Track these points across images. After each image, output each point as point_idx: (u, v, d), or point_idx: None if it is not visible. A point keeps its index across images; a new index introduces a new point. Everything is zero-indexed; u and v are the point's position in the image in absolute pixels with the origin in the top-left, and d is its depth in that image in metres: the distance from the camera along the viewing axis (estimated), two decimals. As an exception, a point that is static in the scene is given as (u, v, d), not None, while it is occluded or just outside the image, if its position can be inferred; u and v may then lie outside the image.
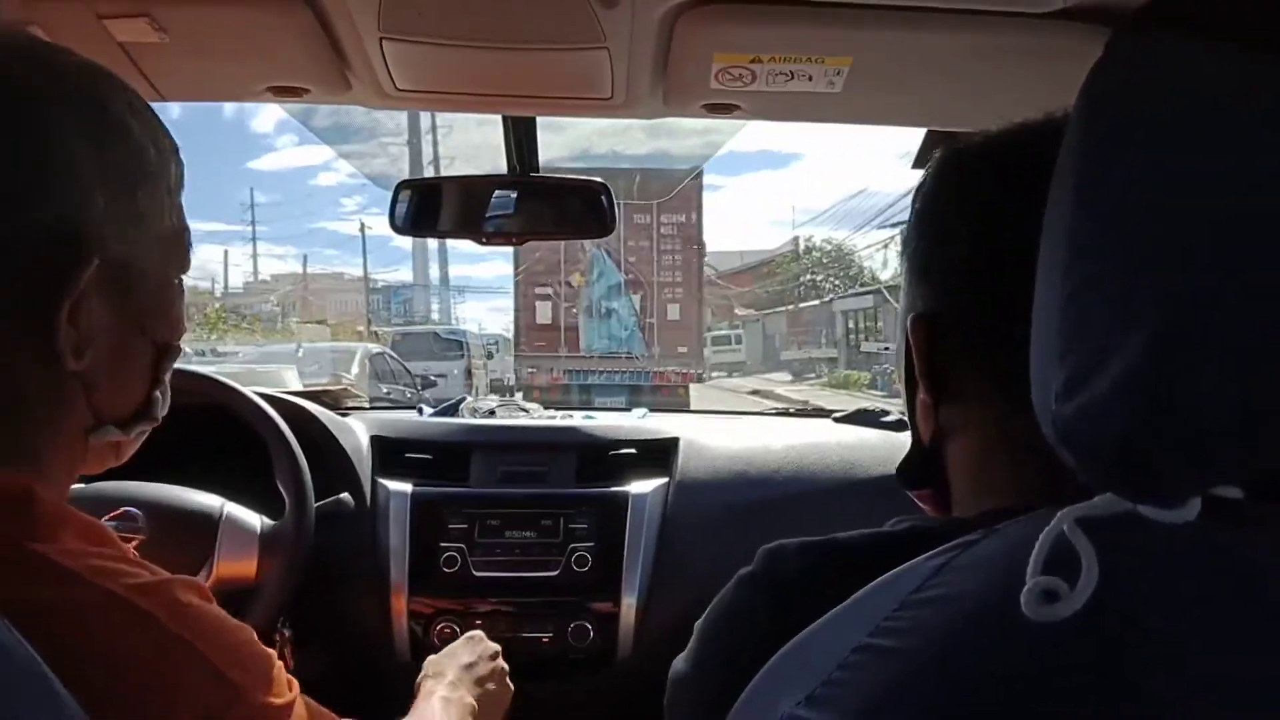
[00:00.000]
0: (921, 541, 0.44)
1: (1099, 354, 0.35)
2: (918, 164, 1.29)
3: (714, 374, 31.36)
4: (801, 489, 1.48)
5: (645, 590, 1.40)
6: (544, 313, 13.38)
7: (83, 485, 1.21)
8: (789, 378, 27.45)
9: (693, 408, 9.39)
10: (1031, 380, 0.39)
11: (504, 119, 1.21)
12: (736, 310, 36.72)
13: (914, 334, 0.56)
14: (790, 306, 33.46)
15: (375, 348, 12.76)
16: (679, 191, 13.11)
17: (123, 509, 1.20)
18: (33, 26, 0.95)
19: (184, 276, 0.64)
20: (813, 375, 26.09)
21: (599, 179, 1.27)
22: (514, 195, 1.29)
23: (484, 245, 1.32)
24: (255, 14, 0.93)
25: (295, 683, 0.61)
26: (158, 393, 0.62)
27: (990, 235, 0.51)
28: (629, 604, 1.39)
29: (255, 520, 1.27)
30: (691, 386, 13.09)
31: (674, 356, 13.32)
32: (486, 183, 1.29)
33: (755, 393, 20.72)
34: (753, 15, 0.93)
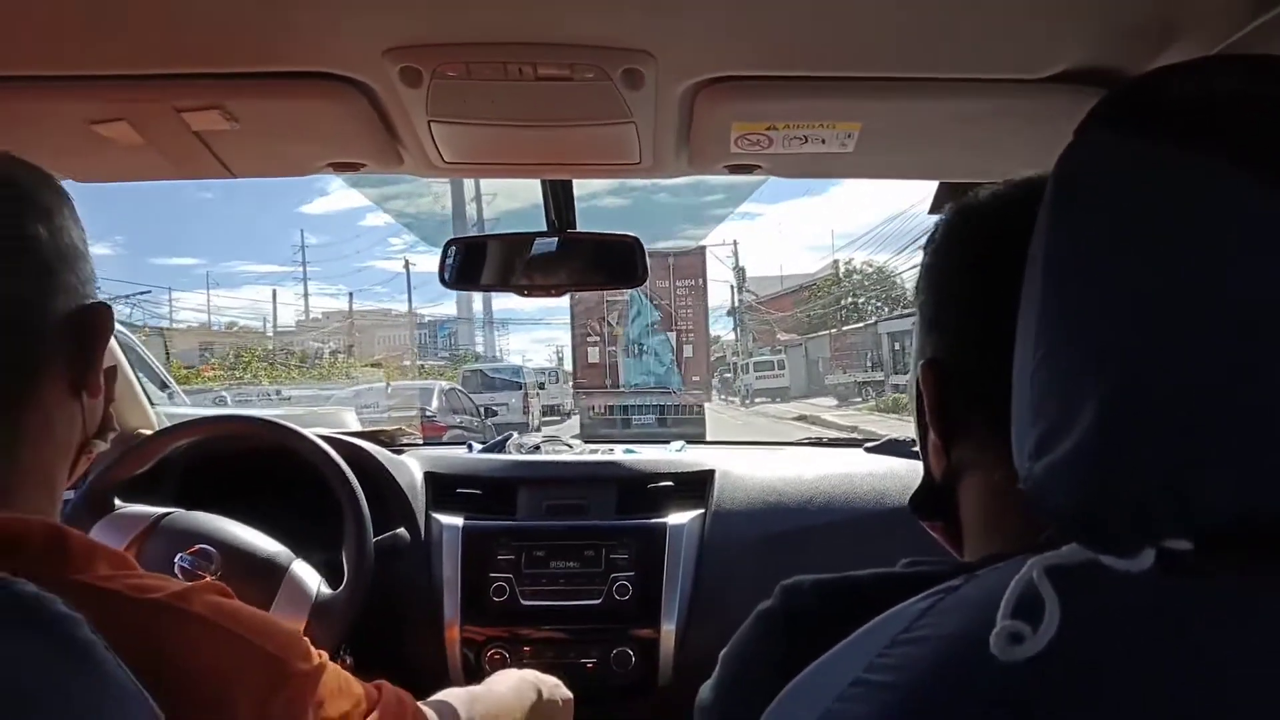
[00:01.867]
0: (925, 583, 0.48)
1: (1062, 421, 0.39)
2: (934, 210, 1.35)
3: (757, 400, 31.47)
4: (832, 519, 1.54)
5: (684, 617, 1.47)
6: (593, 355, 16.88)
7: (171, 514, 1.32)
8: (834, 402, 27.04)
9: (736, 438, 9.82)
10: (1012, 437, 0.44)
11: (542, 181, 1.31)
12: (779, 335, 36.28)
13: (924, 380, 0.61)
14: (833, 330, 33.06)
15: (447, 385, 15.89)
16: (690, 261, 17.27)
17: (199, 546, 1.29)
18: (122, 122, 1.07)
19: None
20: (859, 399, 25.74)
21: (632, 234, 1.36)
22: (553, 250, 1.38)
23: (524, 297, 1.42)
24: (317, 103, 1.04)
25: (324, 652, 0.69)
26: (111, 408, 0.72)
27: (990, 290, 0.53)
28: (668, 631, 1.46)
29: (314, 585, 1.33)
30: (736, 414, 16.97)
31: (690, 384, 16.73)
32: (527, 239, 1.39)
33: (801, 419, 20.54)
34: (766, 89, 1.00)
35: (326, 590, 1.34)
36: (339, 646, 1.33)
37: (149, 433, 1.61)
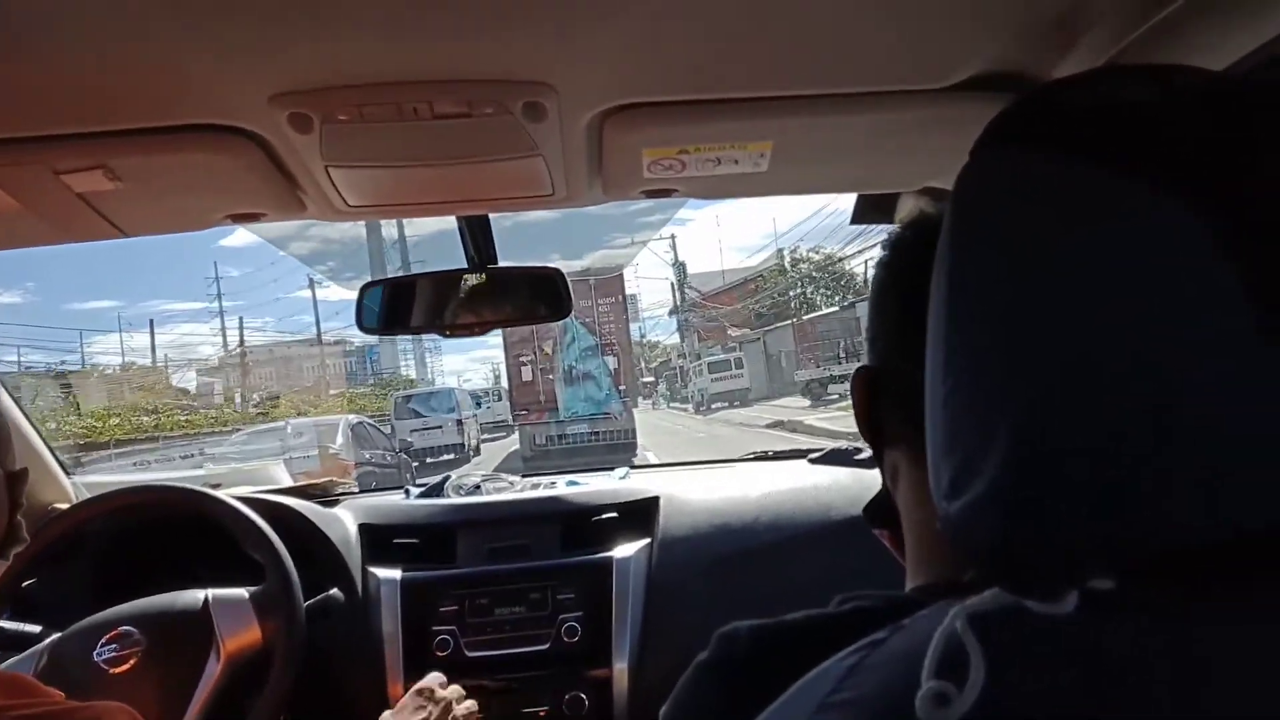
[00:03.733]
0: (858, 623, 0.47)
1: (974, 458, 0.37)
2: (855, 221, 1.35)
3: (714, 405, 27.90)
4: (780, 536, 1.52)
5: (636, 653, 1.43)
6: (527, 374, 17.59)
7: (80, 622, 1.26)
8: (806, 403, 23.49)
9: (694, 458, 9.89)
10: (928, 472, 0.42)
11: (457, 217, 1.27)
12: (730, 331, 34.38)
13: (854, 384, 0.62)
14: (793, 320, 30.35)
15: (354, 418, 14.26)
16: (610, 283, 18.12)
17: (116, 630, 1.24)
18: None
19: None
20: (835, 397, 22.45)
21: (554, 266, 1.32)
22: (474, 287, 1.34)
23: (448, 337, 1.37)
24: (206, 155, 0.98)
25: None
26: (20, 516, 0.66)
27: (911, 302, 0.53)
28: (620, 669, 1.42)
29: (243, 591, 1.32)
30: (693, 424, 16.91)
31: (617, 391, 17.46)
32: (447, 278, 1.34)
33: (778, 425, 18.61)
34: (673, 114, 0.98)
35: (255, 587, 1.33)
36: (306, 635, 1.31)
37: (64, 507, 1.52)
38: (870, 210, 1.32)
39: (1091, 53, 0.86)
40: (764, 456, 1.96)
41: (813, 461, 1.79)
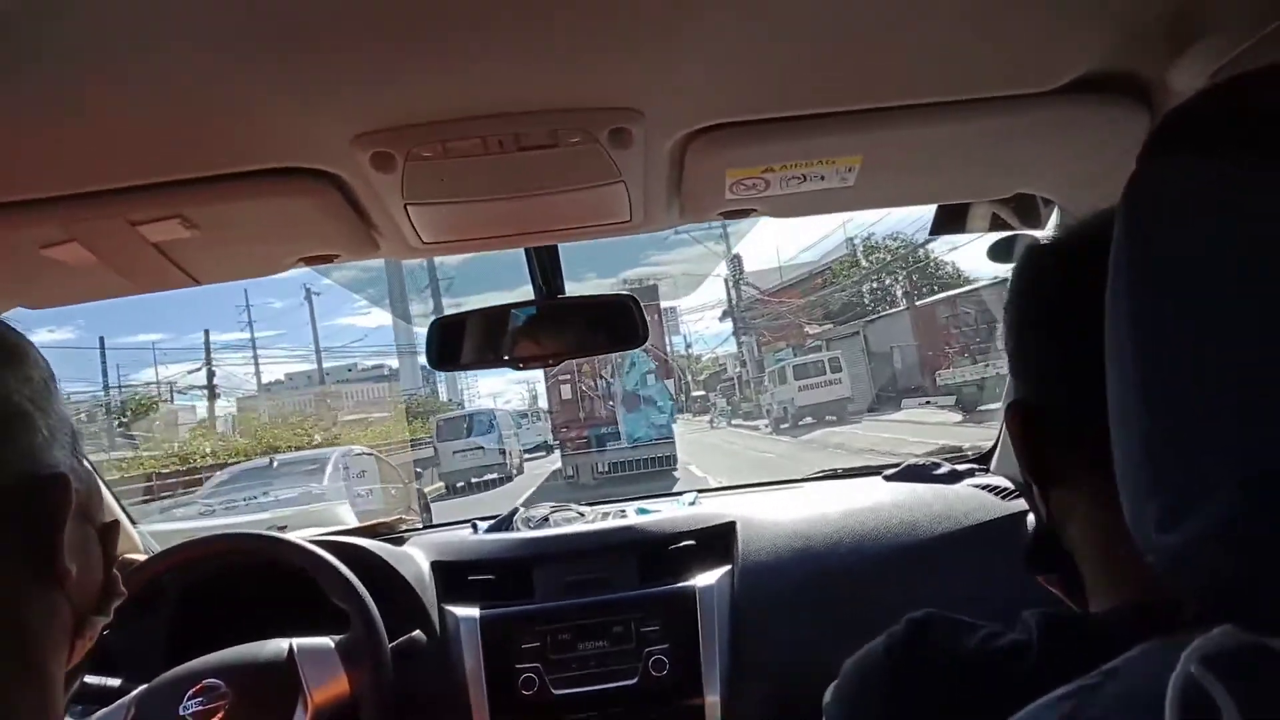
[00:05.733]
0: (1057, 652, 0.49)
1: (1195, 489, 0.34)
2: (934, 233, 1.31)
3: (801, 424, 21.22)
4: (865, 558, 1.47)
5: (727, 684, 1.39)
6: (566, 392, 17.58)
7: (165, 675, 1.24)
8: (952, 416, 16.88)
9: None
10: (1123, 502, 0.39)
11: (527, 251, 1.25)
12: (808, 329, 28.43)
13: (1010, 423, 0.58)
14: (905, 307, 23.64)
15: (341, 450, 12.57)
16: (645, 296, 17.23)
17: (202, 683, 1.23)
18: (72, 243, 0.99)
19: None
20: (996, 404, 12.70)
21: (627, 293, 1.29)
22: (545, 318, 1.31)
23: (519, 370, 1.34)
24: (283, 199, 0.97)
25: None
26: (115, 570, 0.63)
27: (1073, 331, 0.52)
28: (713, 701, 1.38)
29: (328, 640, 1.30)
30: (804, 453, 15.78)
31: None
32: (515, 310, 1.32)
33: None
34: (760, 132, 0.95)
35: (340, 635, 1.31)
36: (394, 682, 1.29)
37: (137, 558, 1.51)
38: (950, 220, 1.28)
39: (1207, 54, 0.82)
40: (834, 475, 1.91)
41: (888, 478, 1.74)
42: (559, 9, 0.69)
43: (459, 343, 1.36)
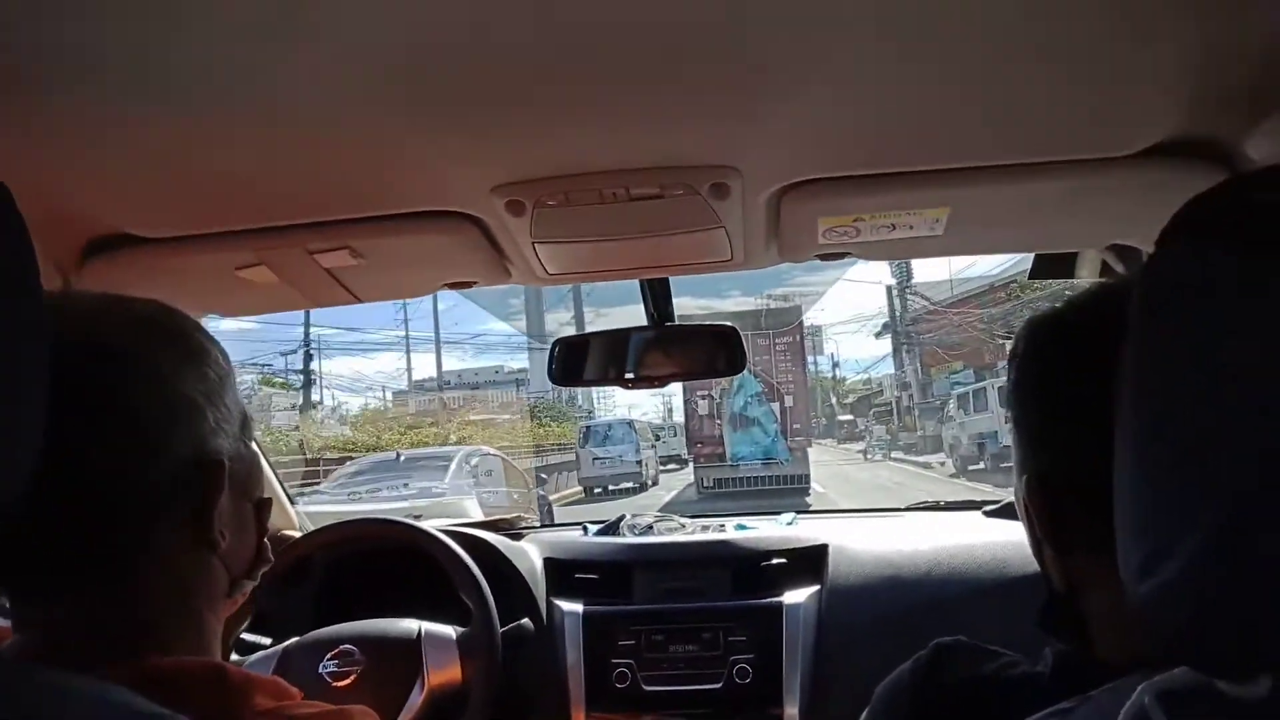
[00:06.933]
0: (1064, 684, 0.51)
1: (1170, 540, 0.38)
2: (1033, 276, 1.34)
3: (1005, 465, 15.05)
4: (953, 592, 1.50)
5: (807, 698, 1.46)
6: (704, 408, 18.55)
7: (309, 634, 1.44)
8: None
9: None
10: (1118, 551, 0.43)
11: (640, 280, 1.38)
12: (996, 346, 23.05)
13: (1033, 497, 0.60)
14: None
15: (469, 448, 13.08)
16: (786, 318, 19.75)
17: (339, 648, 1.41)
18: (261, 266, 1.20)
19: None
20: None
21: (729, 324, 1.40)
22: (654, 342, 1.44)
23: (630, 389, 1.47)
24: (433, 236, 1.14)
25: None
26: (265, 539, 0.74)
27: (1094, 402, 0.51)
28: (791, 713, 1.45)
29: (451, 630, 1.45)
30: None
31: (791, 434, 18.01)
32: (629, 334, 1.45)
33: None
34: (850, 187, 1.04)
35: (463, 628, 1.45)
36: (501, 680, 1.42)
37: (292, 533, 1.73)
38: (1050, 266, 1.31)
39: None
40: (935, 506, 1.94)
41: (987, 514, 1.76)
42: (664, 81, 0.80)
43: (581, 361, 1.51)
